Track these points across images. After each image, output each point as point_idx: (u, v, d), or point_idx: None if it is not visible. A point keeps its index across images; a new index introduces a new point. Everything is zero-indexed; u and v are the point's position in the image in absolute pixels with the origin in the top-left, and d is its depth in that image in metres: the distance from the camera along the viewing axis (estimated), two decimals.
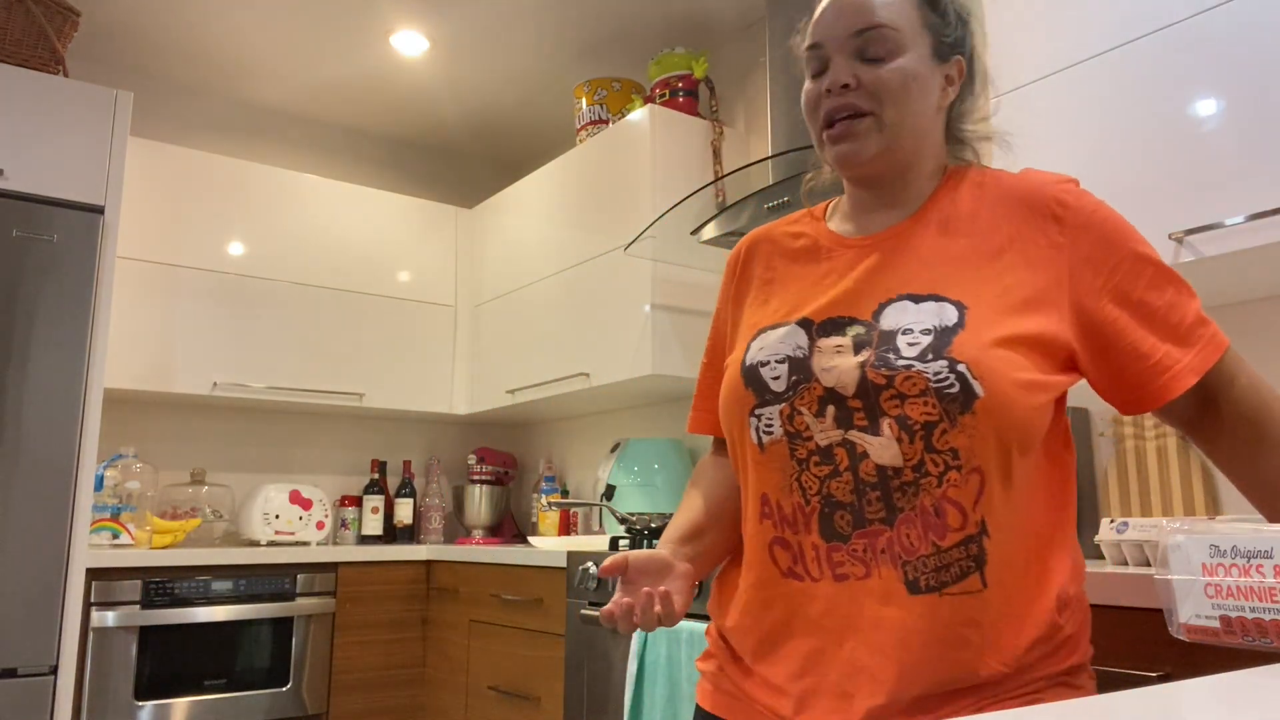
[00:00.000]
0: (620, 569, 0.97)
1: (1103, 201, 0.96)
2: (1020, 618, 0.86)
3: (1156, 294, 0.91)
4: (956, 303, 0.90)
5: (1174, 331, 0.90)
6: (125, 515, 2.82)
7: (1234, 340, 1.81)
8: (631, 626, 0.94)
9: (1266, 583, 0.74)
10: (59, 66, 2.68)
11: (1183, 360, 0.89)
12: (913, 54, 0.96)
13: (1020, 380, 0.86)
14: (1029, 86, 1.80)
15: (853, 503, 0.88)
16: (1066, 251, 0.91)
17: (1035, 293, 0.90)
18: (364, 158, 3.92)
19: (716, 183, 2.74)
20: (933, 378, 0.85)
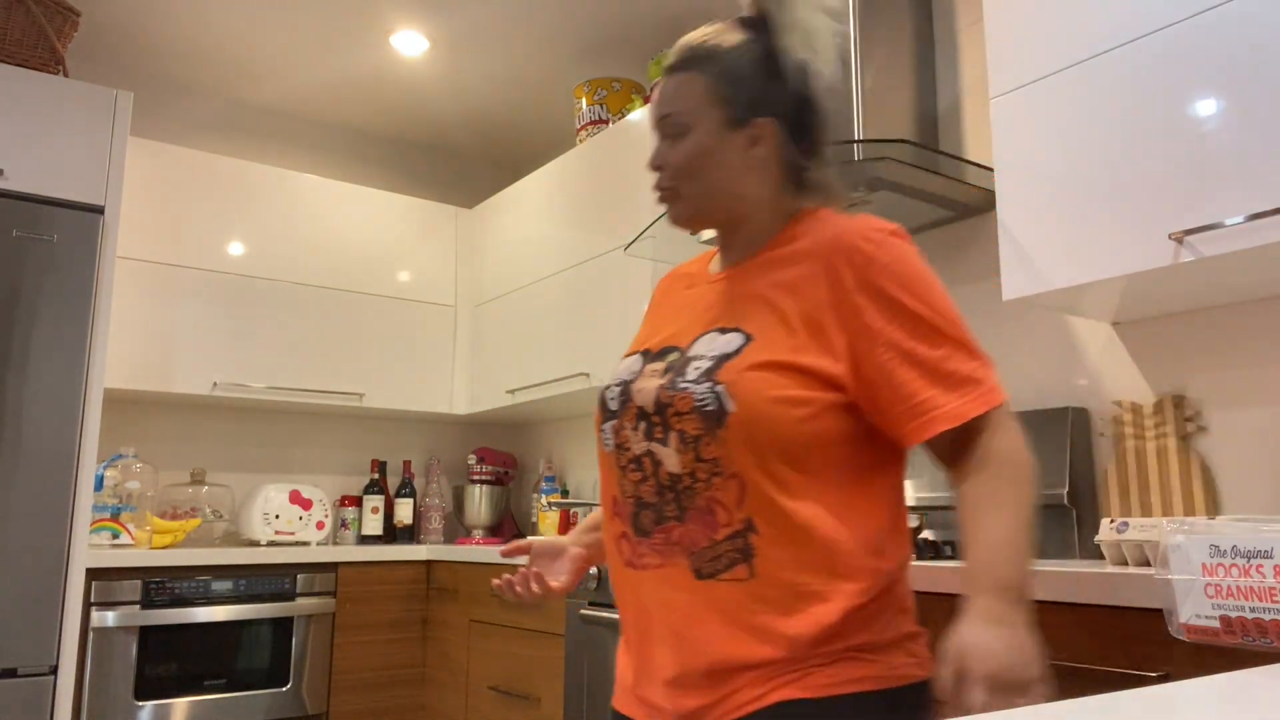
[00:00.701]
0: (524, 550, 1.26)
1: (904, 254, 1.02)
2: (789, 606, 0.95)
3: (928, 346, 0.99)
4: (748, 334, 1.02)
5: (942, 381, 0.98)
6: (125, 515, 2.82)
7: (1234, 340, 1.81)
8: (517, 597, 1.22)
9: (1266, 583, 0.74)
10: (59, 66, 2.68)
11: (943, 408, 0.97)
12: (700, 131, 1.08)
13: (773, 397, 0.97)
14: (1029, 86, 1.80)
15: (655, 503, 1.02)
16: (851, 296, 1.00)
17: (814, 328, 1.00)
18: (364, 158, 3.92)
19: None
20: (696, 398, 1.00)
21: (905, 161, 2.09)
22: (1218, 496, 1.80)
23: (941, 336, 0.99)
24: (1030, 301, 1.79)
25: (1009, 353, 2.20)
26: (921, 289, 1.00)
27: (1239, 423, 1.78)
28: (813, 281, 1.02)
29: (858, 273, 1.00)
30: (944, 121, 2.42)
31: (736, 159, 1.09)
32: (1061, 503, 1.92)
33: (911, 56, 2.39)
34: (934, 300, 1.00)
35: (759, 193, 1.10)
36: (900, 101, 2.34)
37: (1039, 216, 1.75)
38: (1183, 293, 1.74)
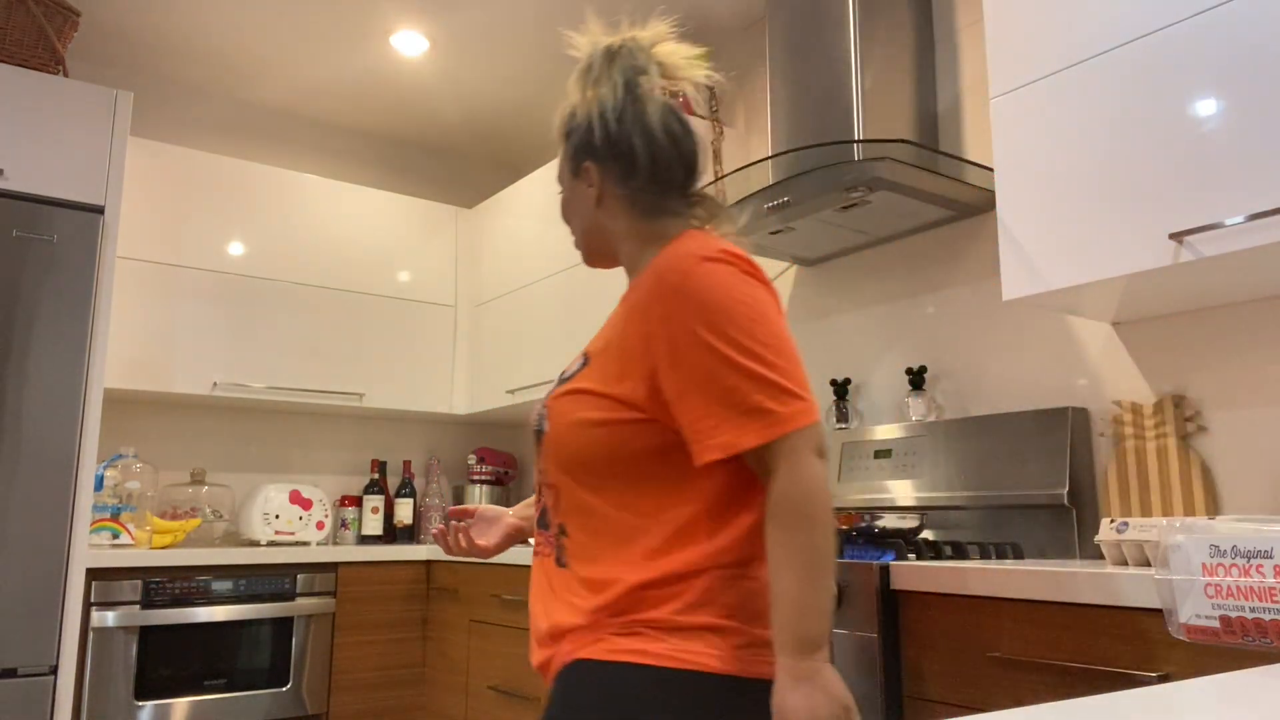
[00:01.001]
0: (468, 514, 1.49)
1: (709, 284, 1.07)
2: (595, 586, 1.10)
3: (717, 377, 1.04)
4: (588, 359, 1.16)
5: (725, 410, 1.04)
6: (125, 515, 2.82)
7: (1234, 340, 1.81)
8: (447, 549, 1.47)
9: (1266, 583, 0.74)
10: (59, 66, 2.68)
11: (716, 439, 1.03)
12: (563, 187, 1.28)
13: (575, 420, 1.12)
14: (1029, 86, 1.80)
15: (544, 503, 1.21)
16: (654, 325, 1.08)
17: (627, 354, 1.11)
18: (364, 158, 3.92)
19: (716, 183, 2.74)
20: (535, 419, 1.20)
21: (905, 161, 2.09)
22: (1218, 496, 1.80)
23: (732, 367, 1.03)
24: (1030, 301, 1.79)
25: (1009, 353, 2.20)
26: (720, 319, 1.05)
27: (1239, 423, 1.78)
28: (638, 309, 1.11)
29: (663, 304, 1.07)
30: (944, 121, 2.42)
31: (582, 202, 1.25)
32: (1061, 503, 1.92)
33: (911, 56, 2.39)
34: (731, 330, 1.04)
35: (613, 225, 1.24)
36: (900, 101, 2.34)
37: (1039, 216, 1.75)
38: (1183, 293, 1.74)
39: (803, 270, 2.78)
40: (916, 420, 2.30)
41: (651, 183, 1.22)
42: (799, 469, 1.02)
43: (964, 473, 2.12)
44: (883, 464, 2.31)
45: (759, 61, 3.07)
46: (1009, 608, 1.43)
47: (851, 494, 2.35)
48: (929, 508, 2.17)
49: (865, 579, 1.59)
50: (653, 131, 1.21)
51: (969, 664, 1.47)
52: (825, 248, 2.58)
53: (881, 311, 2.52)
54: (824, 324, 2.68)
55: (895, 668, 1.57)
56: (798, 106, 2.39)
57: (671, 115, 1.24)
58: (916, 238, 2.45)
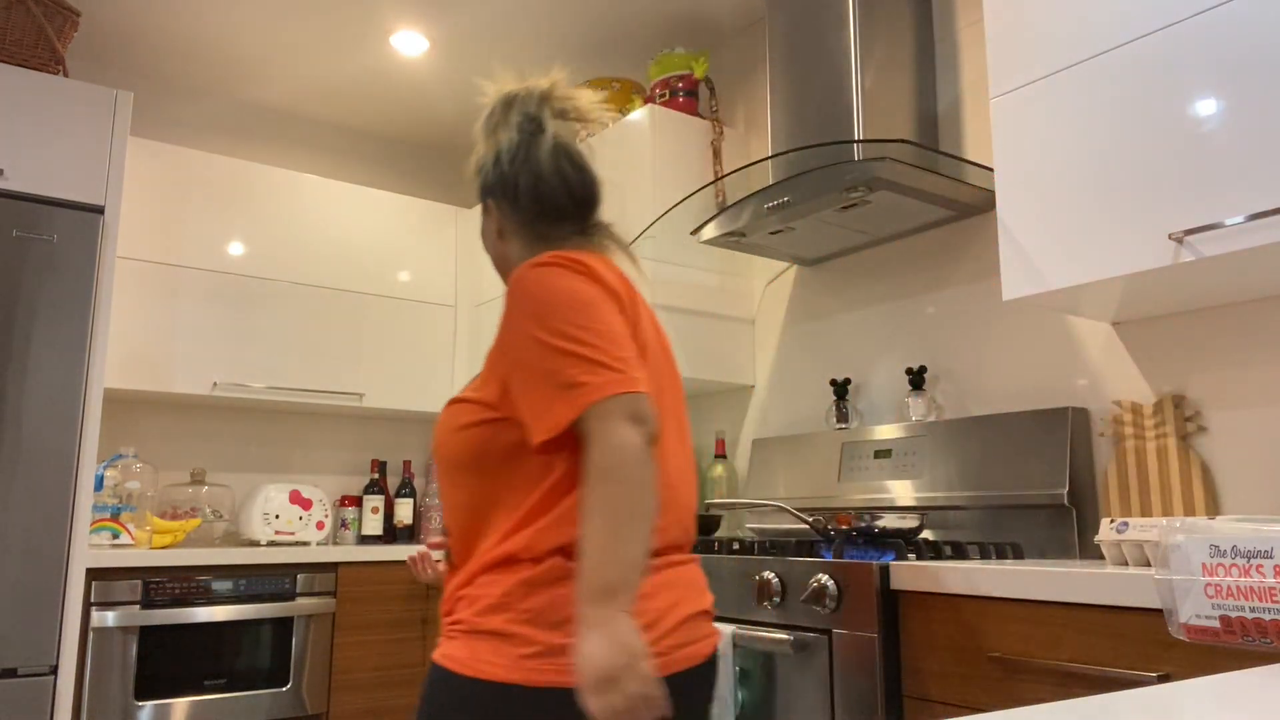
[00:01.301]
0: (443, 546, 1.49)
1: (531, 283, 1.17)
2: (454, 584, 1.19)
3: (541, 364, 1.11)
4: (480, 373, 1.27)
5: (549, 394, 1.10)
6: (125, 515, 2.82)
7: (1234, 340, 1.81)
8: (418, 575, 1.62)
9: (1266, 583, 0.74)
10: (59, 66, 2.68)
11: (542, 419, 1.10)
12: (481, 222, 1.42)
13: (450, 426, 1.20)
14: (1029, 86, 1.80)
15: None
16: (501, 330, 1.18)
17: (489, 362, 1.20)
18: (364, 158, 3.92)
19: (716, 183, 2.74)
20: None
21: (905, 161, 2.09)
22: (1218, 496, 1.80)
23: (552, 351, 1.11)
24: (1030, 301, 1.79)
25: (1009, 353, 2.20)
26: (542, 311, 1.13)
27: (1239, 423, 1.78)
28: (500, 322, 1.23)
29: (505, 312, 1.19)
30: (944, 121, 2.42)
31: (488, 234, 1.39)
32: (1061, 503, 1.92)
33: (911, 56, 2.39)
34: (553, 320, 1.12)
35: (512, 254, 1.36)
36: (900, 101, 2.34)
37: (1039, 216, 1.75)
38: (1183, 293, 1.74)
39: (803, 270, 2.78)
40: (916, 420, 2.30)
41: (540, 217, 1.33)
42: (607, 433, 1.06)
43: (964, 473, 2.12)
44: (883, 464, 2.31)
45: (759, 61, 3.07)
46: (1009, 608, 1.43)
47: (851, 494, 2.35)
48: (929, 508, 2.17)
49: (865, 579, 1.59)
50: (541, 170, 1.33)
51: (969, 664, 1.47)
52: (825, 248, 2.58)
53: (881, 311, 2.52)
54: (824, 324, 2.68)
55: (895, 668, 1.57)
56: (798, 106, 2.39)
57: (563, 154, 1.35)
58: (916, 238, 2.45)
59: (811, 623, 1.66)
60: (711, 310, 2.85)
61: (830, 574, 1.64)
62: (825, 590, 1.63)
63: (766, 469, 2.65)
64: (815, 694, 1.64)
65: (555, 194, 1.34)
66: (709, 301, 2.84)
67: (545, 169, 1.34)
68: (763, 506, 1.93)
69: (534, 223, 1.34)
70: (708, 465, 2.91)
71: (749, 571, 1.80)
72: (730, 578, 1.84)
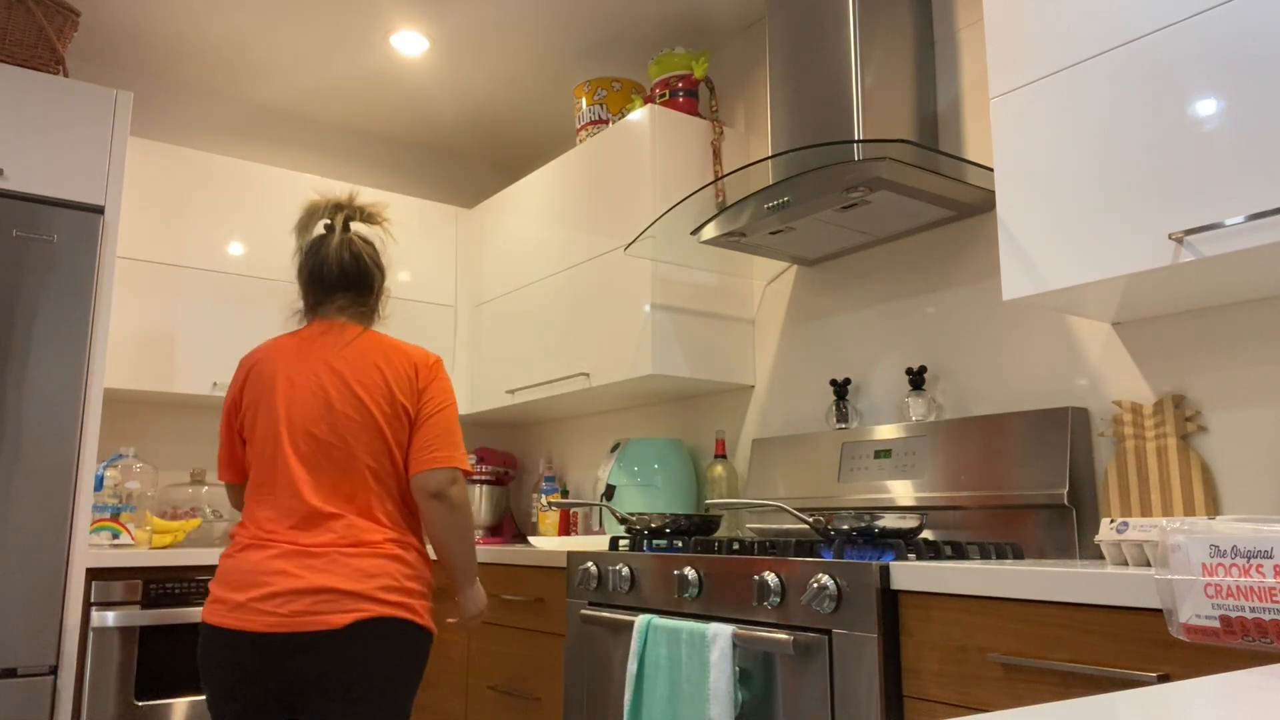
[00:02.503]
0: None
1: None
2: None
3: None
4: None
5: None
6: (125, 515, 2.82)
7: (1234, 340, 1.81)
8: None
9: (1266, 583, 0.74)
10: (59, 66, 2.68)
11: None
12: None
13: None
14: (1029, 86, 1.80)
15: None
16: None
17: None
18: (364, 158, 3.92)
19: (716, 183, 2.74)
20: None
21: (905, 161, 2.09)
22: (1218, 496, 1.80)
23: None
24: (1030, 301, 1.79)
25: (1009, 353, 2.20)
26: None
27: (1239, 423, 1.78)
28: None
29: None
30: (944, 121, 2.42)
31: None
32: (1061, 503, 1.92)
33: (911, 56, 2.39)
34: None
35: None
36: (900, 101, 2.34)
37: (1039, 216, 1.75)
38: (1183, 293, 1.74)
39: (803, 270, 2.78)
40: (916, 420, 2.30)
41: (306, 296, 1.99)
42: None
43: (964, 473, 2.12)
44: (883, 464, 2.31)
45: (759, 61, 3.07)
46: (1009, 608, 1.43)
47: (851, 494, 2.35)
48: (929, 508, 2.17)
49: (865, 579, 1.59)
50: (305, 267, 1.95)
51: (969, 664, 1.47)
52: (825, 248, 2.58)
53: (881, 311, 2.52)
54: (824, 324, 2.68)
55: (895, 668, 1.57)
56: (798, 106, 2.39)
57: (307, 249, 1.96)
58: (916, 238, 2.45)
59: (811, 623, 1.66)
60: (711, 310, 2.85)
61: (830, 574, 1.64)
62: (825, 590, 1.63)
63: (766, 469, 2.65)
64: (815, 694, 1.64)
65: (305, 282, 1.97)
66: (709, 301, 2.84)
67: (305, 266, 1.97)
68: (763, 506, 1.93)
69: (304, 299, 2.00)
70: (708, 465, 2.91)
71: (749, 571, 1.80)
72: (730, 578, 1.84)
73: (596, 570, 2.20)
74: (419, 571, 1.80)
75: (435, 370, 1.89)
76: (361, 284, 1.92)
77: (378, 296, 1.98)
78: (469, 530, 1.86)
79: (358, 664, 1.66)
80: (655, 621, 1.92)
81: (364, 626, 1.67)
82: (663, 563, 2.01)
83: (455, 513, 1.82)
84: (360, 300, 1.93)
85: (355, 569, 1.69)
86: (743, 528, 2.74)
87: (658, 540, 2.27)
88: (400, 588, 1.73)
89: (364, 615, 1.67)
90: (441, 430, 1.83)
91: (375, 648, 1.68)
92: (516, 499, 3.93)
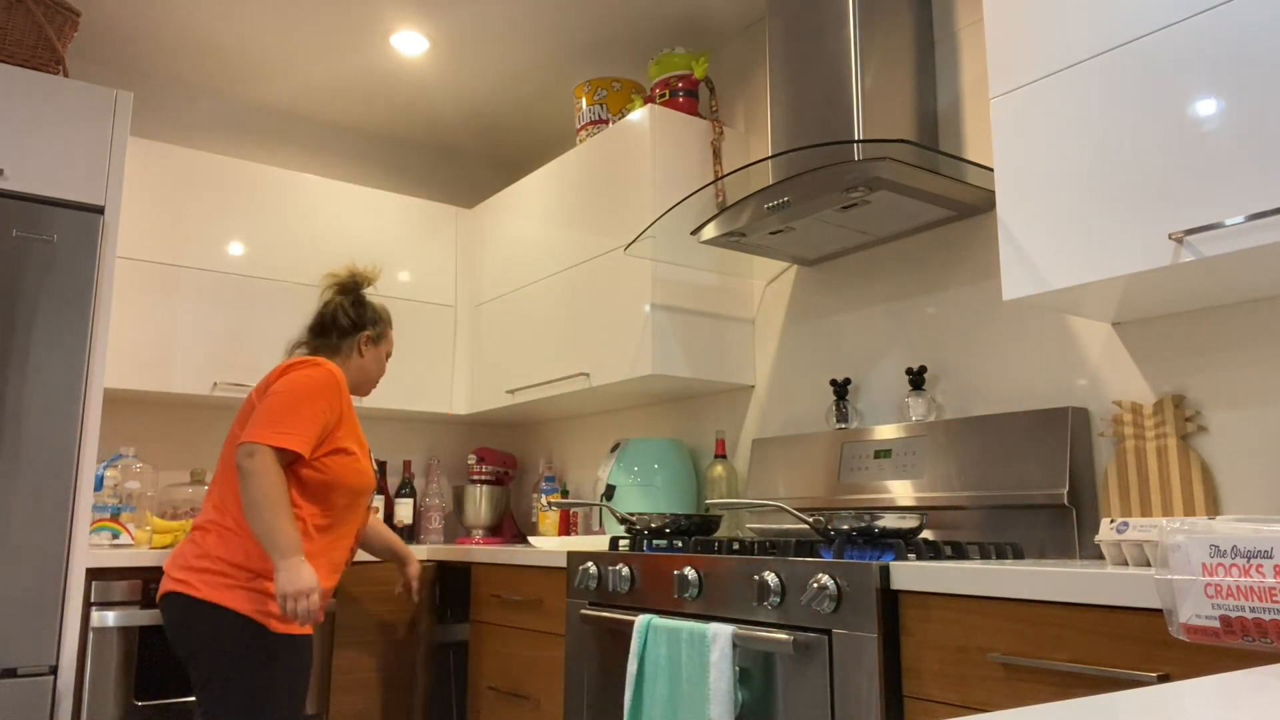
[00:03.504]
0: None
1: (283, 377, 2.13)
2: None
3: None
4: None
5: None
6: (125, 515, 2.81)
7: (1234, 340, 1.81)
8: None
9: (1266, 583, 0.74)
10: (59, 66, 2.68)
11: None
12: None
13: None
14: (1029, 86, 1.80)
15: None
16: None
17: None
18: (364, 158, 3.92)
19: (716, 183, 2.74)
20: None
21: (905, 161, 2.09)
22: (1218, 496, 1.80)
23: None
24: (1030, 301, 1.79)
25: (1009, 353, 2.20)
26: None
27: (1239, 423, 1.78)
28: None
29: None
30: (944, 121, 2.42)
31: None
32: (1061, 503, 1.92)
33: (911, 56, 2.39)
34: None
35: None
36: (900, 101, 2.34)
37: (1039, 216, 1.75)
38: (1183, 293, 1.74)
39: (803, 270, 2.78)
40: (916, 420, 2.30)
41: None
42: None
43: (964, 473, 2.12)
44: (883, 464, 2.31)
45: (759, 61, 3.07)
46: (1009, 608, 1.43)
47: (851, 494, 2.35)
48: (929, 508, 2.17)
49: (865, 579, 1.59)
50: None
51: (969, 664, 1.47)
52: (825, 248, 2.58)
53: (881, 311, 2.52)
54: (824, 324, 2.68)
55: (895, 668, 1.57)
56: (798, 106, 2.39)
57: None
58: (916, 238, 2.45)
59: (811, 623, 1.66)
60: (711, 310, 2.85)
61: (830, 574, 1.64)
62: (825, 590, 1.63)
63: (766, 469, 2.65)
64: (815, 694, 1.64)
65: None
66: (709, 301, 2.84)
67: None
68: (763, 506, 1.93)
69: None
70: (708, 465, 2.91)
71: (749, 571, 1.80)
72: (730, 578, 1.84)
73: (596, 570, 2.20)
74: (207, 550, 2.01)
75: (291, 368, 2.12)
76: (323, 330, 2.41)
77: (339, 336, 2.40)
78: (259, 501, 1.93)
79: (172, 635, 2.01)
80: (655, 621, 1.92)
81: (163, 601, 2.03)
82: (663, 563, 2.01)
83: (245, 482, 1.95)
84: (321, 341, 2.40)
85: (172, 553, 2.09)
86: (743, 528, 2.74)
87: (658, 540, 2.27)
88: (186, 565, 2.01)
89: (161, 591, 2.03)
90: (263, 411, 2.03)
91: (170, 621, 2.01)
92: (516, 499, 3.93)
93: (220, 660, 1.94)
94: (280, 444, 1.99)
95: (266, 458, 1.97)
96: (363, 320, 2.38)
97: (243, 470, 1.96)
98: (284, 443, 2.00)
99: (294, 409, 2.04)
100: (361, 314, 2.39)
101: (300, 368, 2.12)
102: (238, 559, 1.99)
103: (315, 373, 2.12)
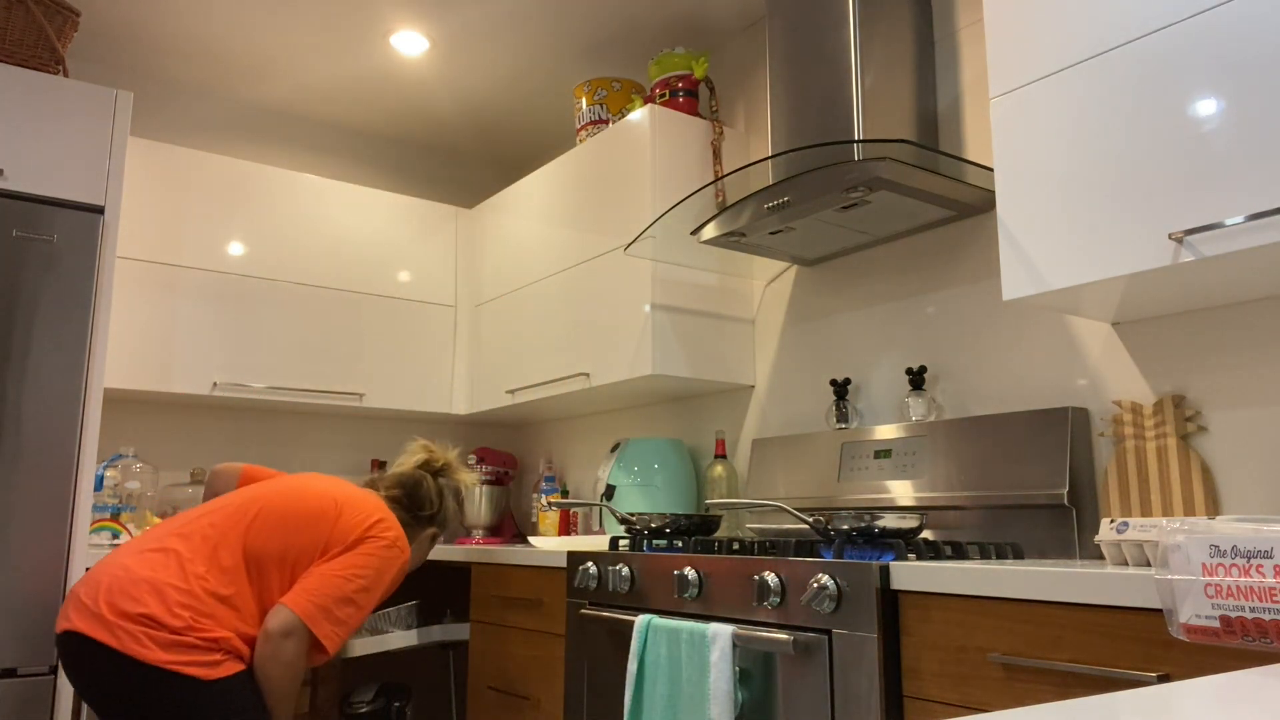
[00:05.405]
0: None
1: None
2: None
3: None
4: None
5: None
6: (125, 515, 2.81)
7: (1234, 340, 1.81)
8: None
9: (1266, 583, 0.74)
10: (59, 66, 2.68)
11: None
12: None
13: None
14: (1029, 86, 1.80)
15: None
16: None
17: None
18: (364, 158, 3.92)
19: (716, 183, 2.74)
20: None
21: (905, 161, 2.09)
22: (1218, 496, 1.80)
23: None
24: (1030, 302, 1.79)
25: (1009, 353, 2.20)
26: None
27: (1239, 423, 1.78)
28: None
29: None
30: (944, 121, 2.42)
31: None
32: (1061, 503, 1.92)
33: (911, 56, 2.39)
34: None
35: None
36: (900, 101, 2.34)
37: (1039, 216, 1.75)
38: (1183, 293, 1.74)
39: (803, 270, 2.78)
40: (916, 420, 2.30)
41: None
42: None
43: (964, 473, 2.12)
44: (883, 464, 2.31)
45: (759, 61, 3.07)
46: (1009, 608, 1.43)
47: (851, 494, 2.35)
48: (929, 508, 2.17)
49: (865, 579, 1.59)
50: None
51: (969, 664, 1.47)
52: (825, 248, 2.58)
53: (881, 311, 2.52)
54: (824, 324, 2.68)
55: (895, 668, 1.57)
56: (798, 106, 2.39)
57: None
58: (916, 238, 2.45)
59: (811, 623, 1.66)
60: (711, 310, 2.85)
61: (830, 574, 1.64)
62: (825, 590, 1.63)
63: (766, 469, 2.65)
64: (815, 694, 1.64)
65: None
66: (709, 301, 2.84)
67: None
68: (763, 506, 1.93)
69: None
70: (708, 465, 2.91)
71: (749, 571, 1.80)
72: (730, 578, 1.84)
73: (596, 570, 2.20)
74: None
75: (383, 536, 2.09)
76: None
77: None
78: (280, 693, 1.90)
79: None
80: (655, 621, 1.92)
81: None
82: (663, 563, 2.01)
83: (273, 665, 1.90)
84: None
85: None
86: (743, 528, 2.74)
87: (658, 540, 2.27)
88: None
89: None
90: (332, 580, 1.98)
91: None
92: (516, 499, 3.93)
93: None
94: (326, 642, 1.90)
95: (304, 645, 1.87)
96: (444, 519, 2.39)
97: (276, 647, 1.84)
98: (329, 642, 1.91)
99: (361, 600, 1.96)
100: (445, 512, 2.39)
101: (393, 543, 2.06)
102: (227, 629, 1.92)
103: (400, 559, 2.08)
